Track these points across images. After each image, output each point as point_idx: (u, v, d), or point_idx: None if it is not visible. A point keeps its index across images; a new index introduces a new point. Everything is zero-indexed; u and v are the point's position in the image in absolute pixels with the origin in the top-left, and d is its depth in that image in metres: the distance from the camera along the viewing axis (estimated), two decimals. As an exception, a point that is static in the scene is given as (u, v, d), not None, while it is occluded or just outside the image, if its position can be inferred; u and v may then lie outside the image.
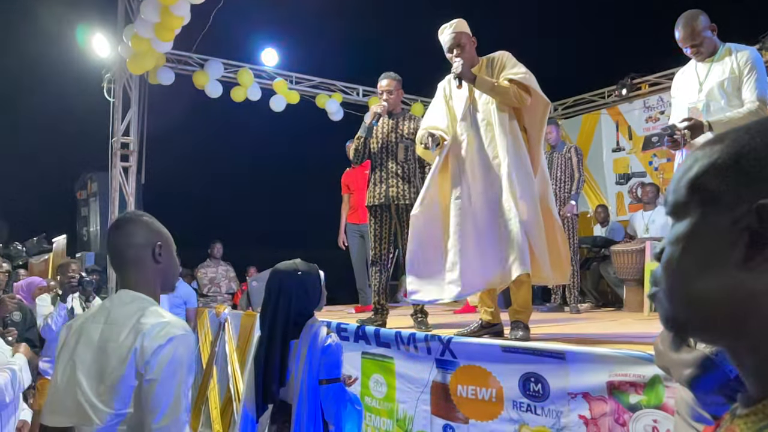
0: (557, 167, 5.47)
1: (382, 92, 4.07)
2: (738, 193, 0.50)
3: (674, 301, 0.55)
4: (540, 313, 5.16)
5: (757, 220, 0.48)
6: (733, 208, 0.50)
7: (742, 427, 0.48)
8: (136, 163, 6.79)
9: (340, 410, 2.24)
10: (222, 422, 5.09)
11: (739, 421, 0.49)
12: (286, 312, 2.29)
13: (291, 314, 2.29)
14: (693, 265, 0.53)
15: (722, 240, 0.51)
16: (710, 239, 0.52)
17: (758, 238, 0.48)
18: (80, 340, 1.52)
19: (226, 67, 7.29)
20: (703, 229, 0.53)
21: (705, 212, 0.52)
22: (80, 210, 7.95)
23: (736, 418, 0.50)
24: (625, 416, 2.28)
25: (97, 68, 6.95)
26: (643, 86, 7.98)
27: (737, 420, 0.49)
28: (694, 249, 0.53)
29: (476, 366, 2.91)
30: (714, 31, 3.09)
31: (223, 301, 6.85)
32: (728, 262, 0.50)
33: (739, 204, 0.49)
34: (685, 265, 0.54)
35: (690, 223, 0.54)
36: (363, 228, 5.34)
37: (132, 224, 1.60)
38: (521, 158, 3.07)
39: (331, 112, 8.08)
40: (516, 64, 3.15)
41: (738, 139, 0.52)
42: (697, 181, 0.54)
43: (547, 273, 2.99)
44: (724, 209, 0.51)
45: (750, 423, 0.47)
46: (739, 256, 0.49)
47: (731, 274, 0.50)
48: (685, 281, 0.54)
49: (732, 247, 0.50)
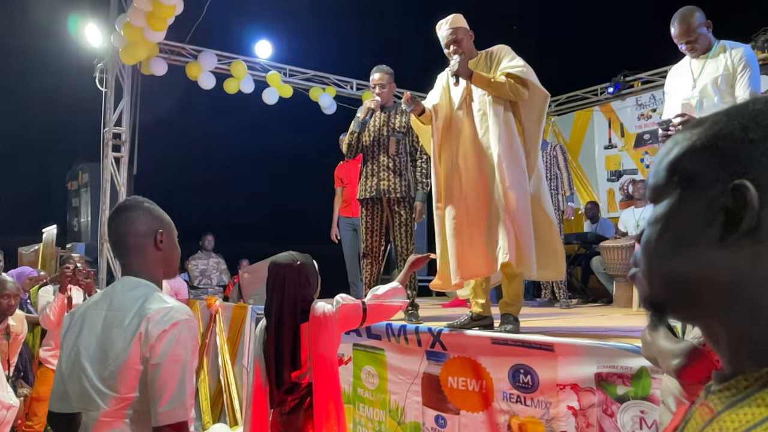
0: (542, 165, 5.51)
1: (374, 86, 4.07)
2: (715, 173, 0.51)
3: (652, 280, 0.56)
4: (530, 307, 5.20)
5: (732, 199, 0.49)
6: (709, 189, 0.51)
7: (715, 402, 0.49)
8: (128, 154, 6.75)
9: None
10: (212, 414, 5.09)
11: (713, 396, 0.50)
12: (292, 300, 2.40)
13: (297, 302, 2.40)
14: (670, 245, 0.54)
15: (699, 220, 0.52)
16: (687, 219, 0.53)
17: (733, 217, 0.49)
18: (84, 327, 1.52)
19: (219, 59, 7.25)
20: (680, 210, 0.54)
21: (683, 193, 0.54)
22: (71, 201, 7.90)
23: (710, 395, 0.51)
24: (612, 407, 2.31)
25: (90, 58, 6.89)
26: (635, 84, 8.02)
27: (711, 396, 0.51)
28: (672, 229, 0.54)
29: (466, 358, 2.93)
30: (709, 27, 3.11)
31: (214, 293, 6.84)
32: (704, 242, 0.51)
33: (716, 184, 0.51)
34: (662, 244, 0.55)
35: (668, 203, 0.55)
36: (356, 221, 5.35)
37: (133, 211, 1.60)
38: (514, 150, 3.08)
39: (324, 106, 8.07)
40: (514, 57, 3.14)
41: (716, 122, 0.53)
42: (675, 163, 0.55)
43: (531, 266, 2.98)
44: (701, 190, 0.52)
45: (723, 398, 0.49)
46: (715, 236, 0.50)
47: (707, 254, 0.51)
48: (663, 261, 0.55)
49: (708, 226, 0.51)
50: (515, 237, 2.96)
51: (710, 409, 0.49)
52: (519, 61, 3.13)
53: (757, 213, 0.48)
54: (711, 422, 0.48)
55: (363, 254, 4.12)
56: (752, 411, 0.45)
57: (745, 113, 0.52)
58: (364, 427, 3.52)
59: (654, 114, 7.65)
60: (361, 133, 4.01)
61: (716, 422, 0.47)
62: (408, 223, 3.99)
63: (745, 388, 0.47)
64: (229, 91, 7.39)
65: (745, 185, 0.48)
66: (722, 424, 0.47)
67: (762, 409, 0.44)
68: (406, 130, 4.04)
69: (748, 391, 0.47)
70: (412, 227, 4.03)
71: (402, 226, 3.98)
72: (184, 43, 7.00)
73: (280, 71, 7.77)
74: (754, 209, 0.48)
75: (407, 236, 3.98)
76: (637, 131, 8.03)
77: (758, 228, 0.48)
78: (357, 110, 4.11)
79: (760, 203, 0.48)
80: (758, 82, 3.03)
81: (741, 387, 0.48)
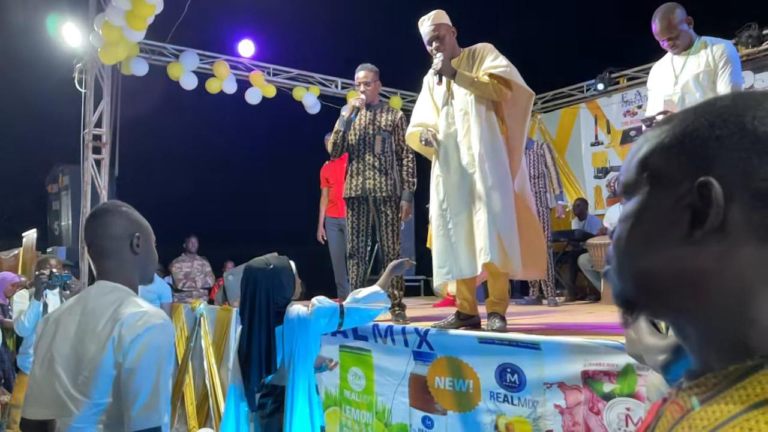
0: (530, 164, 5.50)
1: (359, 83, 4.03)
2: (682, 171, 0.51)
3: (622, 277, 0.56)
4: (517, 306, 5.18)
5: (698, 197, 0.49)
6: (677, 186, 0.51)
7: (685, 399, 0.49)
8: (108, 156, 6.64)
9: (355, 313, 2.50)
10: (198, 418, 5.03)
11: (683, 393, 0.50)
12: (265, 305, 2.40)
13: (270, 306, 2.41)
14: (639, 242, 0.55)
15: (666, 217, 0.52)
16: (655, 217, 0.53)
17: (699, 214, 0.49)
18: (57, 332, 1.51)
19: (201, 58, 7.17)
20: (649, 207, 0.54)
21: (651, 190, 0.54)
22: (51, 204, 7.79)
23: (681, 391, 0.51)
24: (599, 405, 2.29)
25: (68, 58, 6.78)
26: (621, 80, 8.05)
27: (681, 393, 0.51)
28: (641, 226, 0.55)
29: (453, 358, 2.91)
30: (690, 24, 3.12)
31: (199, 296, 6.76)
32: (672, 239, 0.51)
33: (683, 182, 0.51)
34: (631, 241, 0.56)
35: (637, 200, 0.56)
36: (342, 222, 5.30)
37: (110, 214, 1.60)
38: (496, 149, 3.05)
39: (308, 105, 8.00)
40: (497, 57, 3.12)
41: (684, 119, 0.53)
42: (644, 160, 0.55)
43: (516, 266, 2.96)
44: (669, 187, 0.52)
45: (693, 395, 0.49)
46: (682, 233, 0.51)
47: (674, 251, 0.51)
48: (632, 258, 0.55)
49: (675, 224, 0.51)
50: (498, 237, 2.94)
51: (680, 406, 0.50)
52: (502, 60, 3.10)
53: (722, 210, 0.48)
54: (681, 420, 0.48)
55: (349, 255, 4.08)
56: (720, 408, 0.45)
57: (713, 110, 0.52)
58: (351, 429, 3.47)
59: (640, 111, 7.67)
60: (347, 132, 3.96)
61: (686, 420, 0.48)
62: (394, 223, 3.95)
63: (714, 386, 0.47)
64: (212, 91, 7.31)
65: (710, 182, 0.48)
66: (692, 422, 0.47)
67: (730, 407, 0.45)
68: (392, 129, 4.00)
69: (717, 388, 0.47)
70: (398, 227, 3.99)
71: (388, 226, 3.94)
72: (165, 42, 6.91)
73: (263, 70, 7.70)
74: (719, 206, 0.48)
75: (394, 236, 3.94)
76: (624, 128, 8.06)
77: (724, 226, 0.48)
78: (341, 109, 4.06)
79: (726, 201, 0.48)
80: (740, 77, 3.05)
81: (710, 384, 0.48)
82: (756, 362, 0.46)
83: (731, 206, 0.48)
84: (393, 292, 3.90)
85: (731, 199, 0.48)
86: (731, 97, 0.52)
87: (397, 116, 4.02)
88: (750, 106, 0.50)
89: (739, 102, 0.51)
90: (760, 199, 0.48)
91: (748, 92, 0.53)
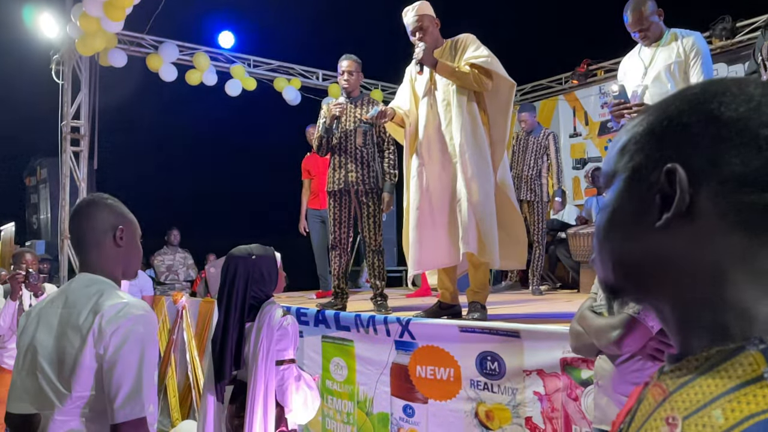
0: (532, 151, 5.48)
1: (342, 72, 4.03)
2: (653, 159, 0.53)
3: (604, 264, 0.58)
4: (498, 293, 5.25)
5: (666, 183, 0.50)
6: (649, 174, 0.53)
7: (667, 383, 0.50)
8: (87, 148, 6.56)
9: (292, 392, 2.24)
10: (181, 410, 5.03)
11: (665, 377, 0.51)
12: (242, 296, 2.30)
13: (247, 298, 2.31)
14: (617, 229, 0.56)
15: (640, 205, 0.53)
16: (631, 204, 0.54)
17: (668, 201, 0.50)
18: (39, 326, 1.50)
19: (181, 50, 7.09)
20: (624, 195, 0.55)
21: (626, 179, 0.55)
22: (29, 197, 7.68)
23: (663, 375, 0.52)
24: (577, 391, 2.34)
25: (45, 49, 6.67)
26: (598, 72, 8.13)
27: (663, 376, 0.51)
28: (617, 214, 0.56)
29: (435, 346, 2.94)
30: (661, 16, 3.16)
31: (182, 288, 6.73)
32: (645, 226, 0.53)
33: (654, 170, 0.52)
34: (609, 229, 0.57)
35: (615, 189, 0.57)
36: (324, 213, 5.31)
37: (94, 207, 1.59)
38: (477, 140, 3.08)
39: (289, 98, 7.97)
40: (479, 47, 3.14)
41: (659, 108, 0.54)
42: (623, 149, 0.56)
43: (494, 255, 3.00)
44: (642, 175, 0.53)
45: (674, 378, 0.49)
46: (653, 220, 0.52)
47: (649, 237, 0.52)
48: (611, 245, 0.57)
49: (647, 211, 0.52)
50: (477, 227, 2.98)
51: (663, 389, 0.50)
52: (484, 50, 3.12)
53: (689, 196, 0.49)
54: (663, 402, 0.49)
55: (331, 246, 4.10)
56: (702, 390, 0.46)
57: (683, 98, 0.53)
58: (333, 419, 3.51)
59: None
60: (330, 137, 3.98)
61: (668, 402, 0.48)
62: (376, 215, 3.98)
63: (695, 368, 0.48)
64: (192, 83, 7.24)
65: (675, 168, 0.49)
66: (673, 404, 0.47)
67: (711, 389, 0.45)
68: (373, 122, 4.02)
69: (699, 371, 0.48)
70: (380, 218, 4.02)
71: (370, 218, 3.96)
72: (143, 33, 6.82)
73: (244, 62, 7.65)
74: (684, 191, 0.49)
75: (375, 227, 3.97)
76: (601, 119, 8.15)
77: (692, 211, 0.49)
78: (322, 101, 4.06)
79: (693, 186, 0.49)
80: (710, 68, 3.11)
81: (692, 367, 0.48)
82: (737, 344, 0.46)
83: (700, 192, 0.49)
84: (375, 282, 3.94)
85: (699, 185, 0.49)
86: (701, 85, 0.53)
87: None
88: (717, 93, 0.51)
89: (708, 89, 0.52)
90: (727, 184, 0.48)
91: (718, 79, 0.53)
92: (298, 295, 5.82)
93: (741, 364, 0.45)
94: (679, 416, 0.46)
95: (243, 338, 2.28)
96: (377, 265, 3.96)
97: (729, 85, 0.51)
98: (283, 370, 2.23)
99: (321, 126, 3.98)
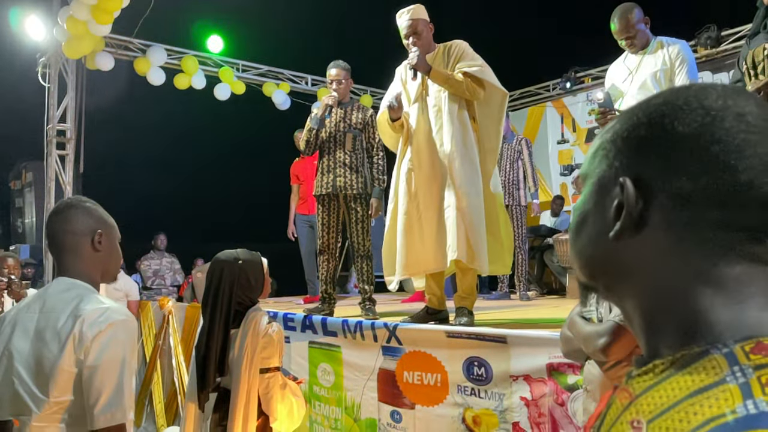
0: (506, 158, 5.54)
1: (331, 81, 4.03)
2: (613, 168, 0.54)
3: (576, 262, 0.60)
4: (486, 300, 5.26)
5: (622, 194, 0.51)
6: (610, 183, 0.54)
7: (634, 386, 0.51)
8: (73, 152, 6.50)
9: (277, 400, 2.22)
10: (167, 416, 4.98)
11: (632, 381, 0.51)
12: (227, 301, 2.27)
13: (232, 304, 2.28)
14: (583, 234, 0.58)
15: (600, 212, 0.55)
16: (595, 210, 0.56)
17: (621, 212, 0.51)
18: (15, 331, 1.47)
19: (169, 54, 7.06)
20: (591, 200, 0.57)
21: (593, 184, 0.56)
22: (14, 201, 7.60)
23: (630, 379, 0.52)
24: (563, 396, 2.35)
25: (31, 52, 6.62)
26: (586, 79, 8.20)
27: (630, 381, 0.52)
28: (585, 217, 0.57)
29: (422, 352, 2.94)
30: (647, 24, 3.20)
31: (168, 293, 6.68)
32: (604, 233, 0.54)
33: (614, 179, 0.53)
34: (578, 231, 0.59)
35: (584, 194, 0.58)
36: (312, 218, 5.30)
37: (73, 210, 1.57)
38: (467, 147, 3.10)
39: (278, 102, 7.96)
40: (473, 57, 3.15)
41: (626, 116, 0.55)
42: (594, 154, 0.58)
43: (482, 262, 3.01)
44: (605, 183, 0.54)
45: (641, 382, 0.50)
46: (609, 228, 0.53)
47: (606, 244, 0.53)
48: (579, 246, 0.59)
49: (605, 219, 0.54)
50: (466, 234, 2.99)
51: (629, 393, 0.51)
52: (477, 60, 3.14)
53: (635, 210, 0.50)
54: (629, 406, 0.49)
55: (319, 251, 4.09)
56: (667, 394, 0.46)
57: (646, 109, 0.53)
58: (321, 425, 3.49)
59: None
60: (320, 130, 3.97)
61: (633, 406, 0.49)
62: (364, 220, 3.97)
63: (661, 372, 0.48)
64: (180, 87, 7.21)
65: (625, 183, 0.51)
66: (639, 407, 0.48)
67: (675, 392, 0.46)
68: (363, 127, 4.02)
69: (664, 374, 0.48)
70: (368, 224, 4.01)
71: (358, 223, 3.96)
72: (131, 37, 6.79)
73: (232, 67, 7.63)
74: (630, 205, 0.50)
75: (363, 233, 3.96)
76: (588, 126, 8.22)
77: (643, 224, 0.51)
78: (312, 106, 4.06)
79: (645, 200, 0.50)
80: (695, 76, 3.15)
81: (658, 371, 0.49)
82: (702, 348, 0.47)
83: (651, 206, 0.50)
84: (363, 287, 3.93)
85: (651, 199, 0.50)
86: (665, 95, 0.53)
87: (367, 114, 4.04)
88: (677, 107, 0.51)
89: (670, 100, 0.52)
90: (676, 200, 0.49)
91: (684, 88, 0.53)
92: (285, 300, 5.80)
93: (704, 368, 0.45)
94: (643, 420, 0.47)
95: (227, 345, 2.24)
96: (366, 270, 3.96)
97: (690, 98, 0.51)
98: (267, 378, 2.21)
99: (312, 119, 3.96)
